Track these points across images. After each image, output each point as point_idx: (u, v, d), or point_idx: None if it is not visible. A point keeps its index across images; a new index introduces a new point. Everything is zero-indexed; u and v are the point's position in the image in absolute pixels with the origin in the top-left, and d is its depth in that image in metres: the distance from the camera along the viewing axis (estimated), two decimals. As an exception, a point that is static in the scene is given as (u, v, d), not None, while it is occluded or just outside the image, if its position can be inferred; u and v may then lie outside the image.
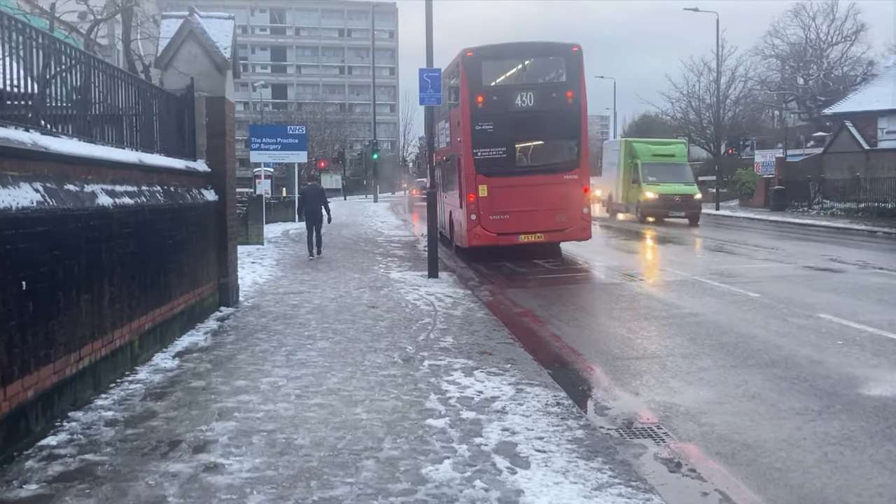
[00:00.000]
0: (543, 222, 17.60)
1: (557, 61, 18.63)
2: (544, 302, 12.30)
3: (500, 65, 18.80)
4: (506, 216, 17.59)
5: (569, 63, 18.13)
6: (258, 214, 20.87)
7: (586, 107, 18.28)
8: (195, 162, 10.40)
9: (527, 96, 17.95)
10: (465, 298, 12.05)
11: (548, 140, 18.29)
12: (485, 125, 17.45)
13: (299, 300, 11.76)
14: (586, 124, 18.83)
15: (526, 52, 19.14)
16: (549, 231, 17.79)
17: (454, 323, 9.87)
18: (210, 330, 9.23)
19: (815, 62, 64.61)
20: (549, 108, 17.80)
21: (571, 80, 18.02)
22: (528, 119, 17.73)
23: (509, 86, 18.47)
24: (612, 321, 10.54)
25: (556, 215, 17.62)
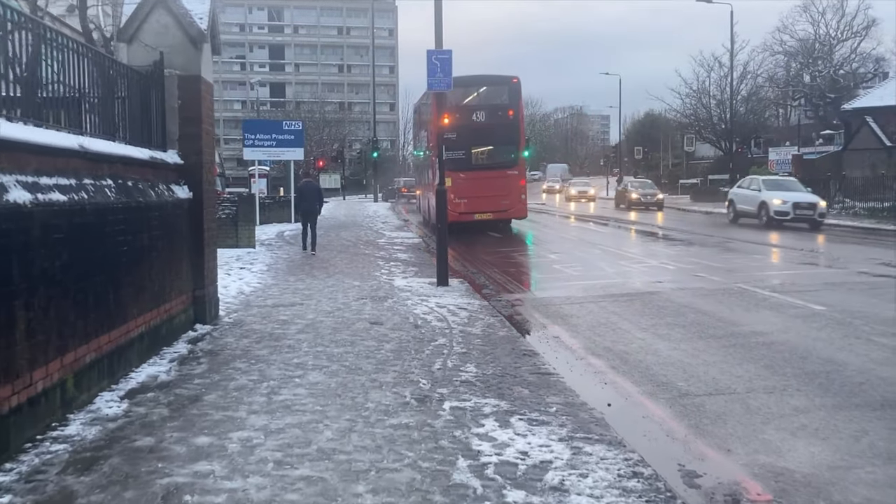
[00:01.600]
0: (492, 205, 24.28)
1: (502, 89, 25.58)
2: (579, 318, 10.62)
3: (461, 91, 24.33)
4: (465, 200, 23.98)
5: (510, 90, 25.39)
6: (250, 215, 19.18)
7: (523, 121, 25.88)
8: (164, 152, 8.72)
9: (480, 114, 24.80)
10: (483, 312, 10.38)
11: (495, 146, 24.92)
12: (450, 135, 21.00)
13: (290, 314, 10.08)
14: (524, 134, 26.03)
15: (479, 82, 26.26)
16: (495, 211, 24.67)
17: (474, 345, 8.18)
18: (178, 356, 7.53)
19: (824, 58, 63.01)
20: (495, 122, 24.50)
21: (512, 102, 25.28)
22: (481, 130, 24.29)
23: (468, 105, 24.98)
24: (662, 341, 8.85)
25: (500, 200, 24.40)
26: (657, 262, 16.55)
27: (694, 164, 70.19)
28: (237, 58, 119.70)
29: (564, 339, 9.15)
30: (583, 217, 36.36)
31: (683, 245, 21.13)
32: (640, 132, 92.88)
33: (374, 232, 25.81)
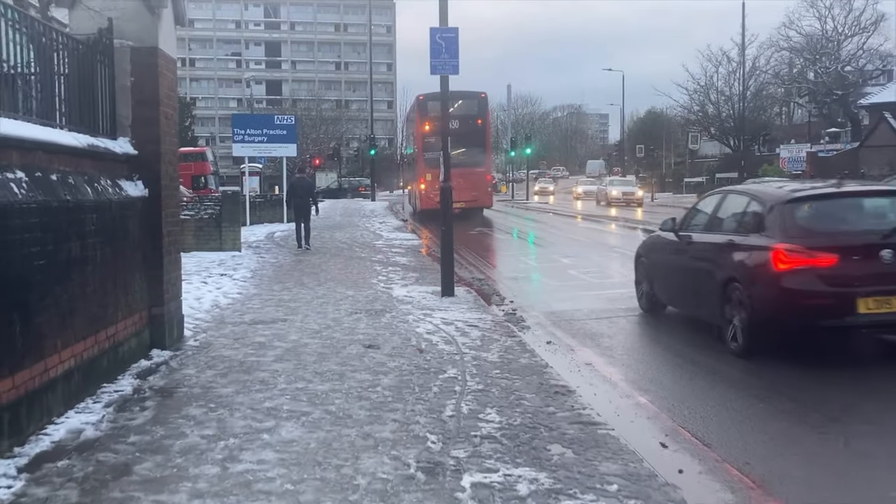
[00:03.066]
0: (464, 196, 27.02)
1: (473, 102, 31.74)
2: (611, 338, 9.04)
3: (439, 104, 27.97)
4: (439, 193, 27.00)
5: (479, 103, 32.10)
6: (235, 215, 17.57)
7: (490, 128, 33.74)
8: (113, 140, 7.13)
9: (455, 122, 28.05)
10: (497, 330, 8.79)
11: (466, 148, 29.29)
12: (430, 139, 28.82)
13: (269, 334, 8.47)
14: (490, 139, 33.47)
15: (455, 97, 29.61)
16: (467, 201, 28.54)
17: (492, 378, 6.60)
18: (118, 398, 5.93)
19: (829, 55, 61.47)
20: (467, 129, 29.55)
21: (481, 113, 31.91)
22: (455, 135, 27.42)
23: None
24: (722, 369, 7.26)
25: (471, 192, 28.62)
26: None
27: (698, 163, 68.72)
28: (233, 55, 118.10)
29: (599, 367, 7.55)
30: (573, 215, 34.80)
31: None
32: (641, 130, 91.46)
33: (372, 233, 24.22)
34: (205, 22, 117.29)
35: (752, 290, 7.60)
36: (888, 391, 6.86)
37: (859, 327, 7.40)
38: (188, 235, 17.09)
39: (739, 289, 7.77)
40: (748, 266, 7.81)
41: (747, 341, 7.63)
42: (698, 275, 8.84)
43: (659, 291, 10.06)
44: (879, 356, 7.90)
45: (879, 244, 7.23)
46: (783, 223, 7.68)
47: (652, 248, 10.62)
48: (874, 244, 7.26)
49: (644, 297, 10.44)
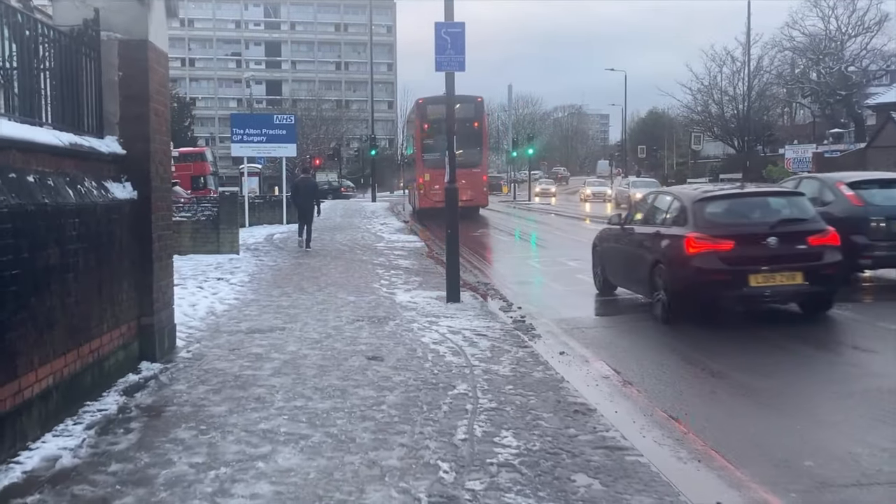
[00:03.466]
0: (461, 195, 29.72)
1: (470, 105, 32.01)
2: (626, 348, 8.58)
3: (437, 107, 30.57)
4: (439, 190, 28.16)
5: (476, 107, 32.65)
6: (232, 217, 17.11)
7: (486, 130, 34.90)
8: (99, 139, 6.67)
9: None
10: (507, 340, 8.33)
11: (464, 149, 29.19)
12: (428, 140, 31.30)
13: (267, 345, 8.01)
14: (486, 140, 34.65)
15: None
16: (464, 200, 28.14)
17: (506, 395, 6.13)
18: (101, 418, 5.46)
19: (832, 55, 60.96)
20: (464, 131, 28.80)
21: (477, 116, 32.69)
22: None
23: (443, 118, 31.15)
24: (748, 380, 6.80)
25: (468, 191, 28.65)
26: None
27: (701, 163, 68.25)
28: (233, 55, 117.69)
29: (617, 380, 7.09)
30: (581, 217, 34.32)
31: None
32: (643, 131, 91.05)
33: (373, 234, 23.76)
34: (204, 22, 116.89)
35: (671, 269, 9.53)
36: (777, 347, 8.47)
37: (751, 297, 9.30)
38: (185, 238, 16.66)
39: (663, 269, 9.68)
40: (668, 251, 9.70)
41: (668, 311, 9.52)
42: (636, 259, 10.65)
43: (609, 274, 11.92)
44: (768, 320, 9.66)
45: (767, 233, 9.21)
46: (694, 217, 9.62)
47: (604, 238, 12.26)
48: (763, 233, 9.23)
49: (598, 279, 12.30)
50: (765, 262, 9.08)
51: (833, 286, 9.52)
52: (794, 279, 9.13)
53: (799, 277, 9.16)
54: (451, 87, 11.09)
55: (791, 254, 9.21)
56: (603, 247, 12.12)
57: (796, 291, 9.35)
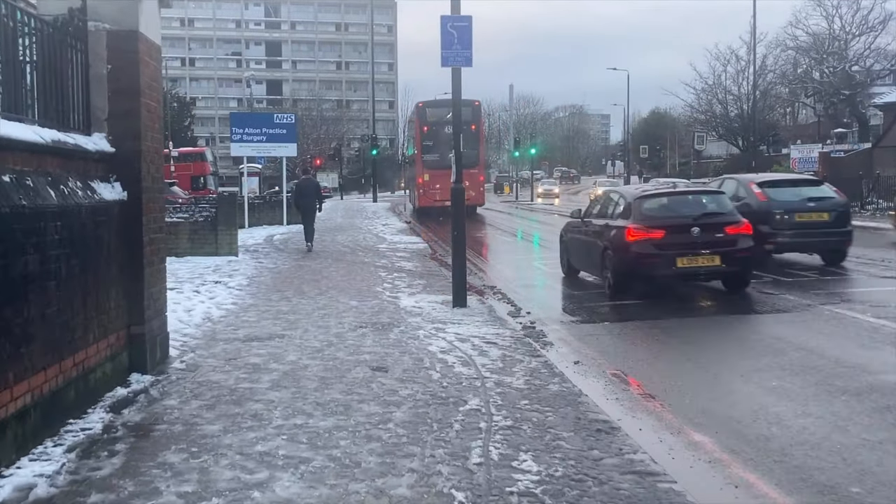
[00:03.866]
0: None
1: (467, 109, 32.64)
2: (643, 356, 8.14)
3: (436, 110, 34.66)
4: (438, 190, 31.36)
5: (473, 110, 34.07)
6: (231, 218, 16.68)
7: (483, 133, 37.45)
8: (86, 136, 6.25)
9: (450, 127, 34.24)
10: (518, 348, 7.90)
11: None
12: (427, 142, 33.83)
13: (265, 354, 7.59)
14: (483, 143, 36.98)
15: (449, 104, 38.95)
16: None
17: (521, 411, 5.71)
18: (84, 439, 5.04)
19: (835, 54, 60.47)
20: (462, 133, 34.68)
21: (475, 119, 34.28)
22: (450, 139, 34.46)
23: (441, 121, 32.90)
24: (776, 398, 6.34)
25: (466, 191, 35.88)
26: None
27: (704, 163, 67.78)
28: (233, 54, 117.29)
29: (638, 392, 6.65)
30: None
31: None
32: (645, 131, 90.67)
33: (375, 236, 23.34)
34: (205, 21, 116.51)
35: (615, 254, 11.44)
36: (701, 315, 10.84)
37: (678, 276, 11.39)
38: (182, 239, 16.25)
39: (610, 254, 11.60)
40: (614, 239, 11.59)
41: (612, 287, 11.55)
42: (591, 246, 12.65)
43: (572, 260, 14.00)
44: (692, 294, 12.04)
45: (691, 224, 11.25)
46: (633, 211, 11.58)
47: (568, 230, 14.30)
48: (688, 224, 11.26)
49: (564, 264, 14.41)
50: (689, 247, 11.11)
51: (746, 267, 11.51)
52: (714, 261, 11.09)
53: (717, 260, 11.13)
54: (458, 83, 10.66)
55: (711, 241, 11.19)
56: (567, 237, 14.25)
57: (715, 271, 11.32)
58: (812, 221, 14.17)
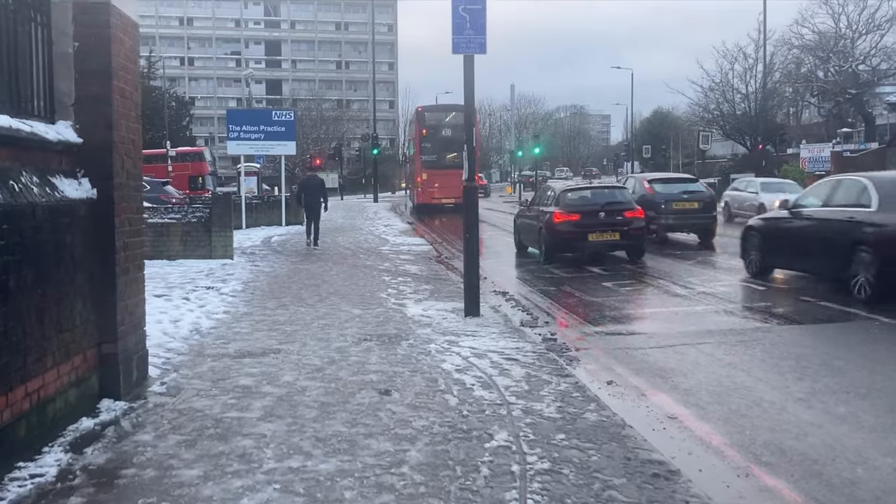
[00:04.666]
0: (454, 193, 30.29)
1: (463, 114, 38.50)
2: (686, 376, 7.24)
3: (434, 114, 38.00)
4: (435, 189, 35.11)
5: None
6: (226, 219, 15.78)
7: (479, 135, 33.00)
8: (49, 124, 5.36)
9: (448, 130, 35.46)
10: (543, 366, 7.01)
11: (457, 152, 31.84)
12: (426, 143, 35.97)
13: (258, 373, 6.69)
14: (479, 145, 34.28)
15: (447, 109, 38.25)
16: (456, 198, 30.35)
17: (558, 448, 4.82)
18: (32, 491, 4.13)
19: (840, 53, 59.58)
20: (458, 136, 31.67)
21: None
22: (447, 141, 34.92)
23: (438, 125, 36.38)
24: (846, 427, 5.46)
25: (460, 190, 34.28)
26: (734, 279, 13.16)
27: (709, 163, 66.84)
28: (232, 54, 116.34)
29: (689, 423, 5.75)
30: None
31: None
32: (648, 131, 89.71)
33: (377, 237, 22.45)
34: (204, 20, 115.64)
35: (546, 232, 15.48)
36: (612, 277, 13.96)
37: (591, 247, 15.35)
38: (174, 241, 15.37)
39: (543, 232, 15.61)
40: (545, 221, 15.53)
41: (544, 256, 15.64)
42: (533, 227, 16.54)
43: (522, 239, 17.79)
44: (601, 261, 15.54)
45: (599, 210, 15.45)
46: (558, 201, 15.71)
47: (519, 215, 18.47)
48: (596, 210, 15.44)
49: (516, 242, 18.41)
50: (597, 227, 15.21)
51: (639, 242, 15.61)
52: (615, 237, 15.25)
53: (617, 236, 15.28)
54: (470, 72, 9.75)
55: (613, 222, 15.32)
56: (519, 221, 18.38)
57: (616, 244, 15.45)
58: (686, 209, 19.12)
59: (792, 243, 12.01)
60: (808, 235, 11.55)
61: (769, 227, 12.74)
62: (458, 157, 37.78)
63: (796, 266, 12.51)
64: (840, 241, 10.61)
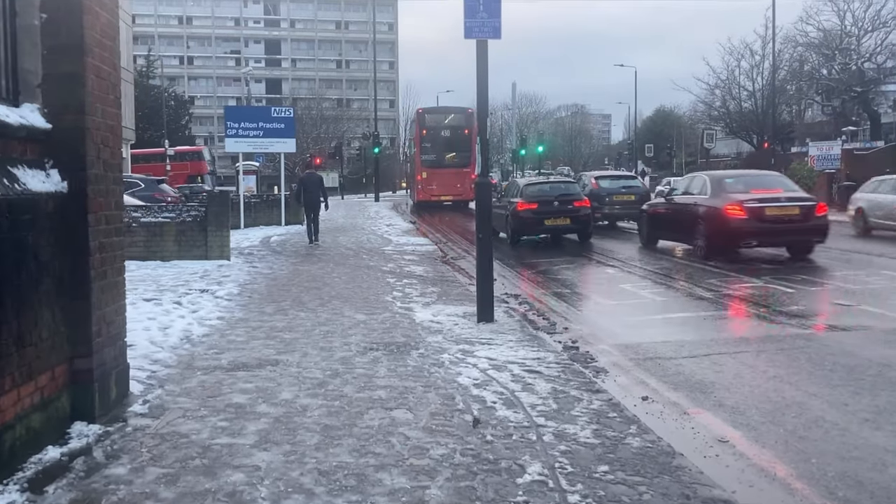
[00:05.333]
0: (452, 191, 36.39)
1: (461, 116, 38.79)
2: (724, 388, 6.52)
3: (434, 116, 39.81)
4: (434, 187, 36.77)
5: (467, 117, 37.83)
6: (222, 218, 15.05)
7: (475, 136, 34.63)
8: (13, 107, 4.65)
9: (447, 131, 38.24)
10: (568, 378, 6.30)
11: (456, 152, 37.74)
12: (426, 144, 38.01)
13: (253, 390, 5.98)
14: (475, 144, 36.12)
15: (448, 111, 41.17)
16: (454, 195, 36.51)
17: (602, 481, 4.11)
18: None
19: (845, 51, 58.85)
20: (457, 137, 37.87)
21: (468, 124, 37.01)
22: (446, 141, 37.91)
23: (438, 126, 38.53)
24: (930, 457, 4.77)
25: (458, 187, 36.37)
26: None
27: (714, 162, 66.15)
28: (232, 53, 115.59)
29: (743, 447, 5.04)
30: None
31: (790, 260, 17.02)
32: (650, 129, 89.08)
33: (379, 237, 21.74)
34: (203, 19, 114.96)
35: (511, 218, 18.87)
36: (566, 253, 17.23)
37: (548, 230, 19.16)
38: (168, 241, 14.67)
39: (509, 218, 18.99)
40: (511, 209, 18.94)
41: (510, 239, 19.20)
42: (501, 215, 19.35)
43: (495, 226, 16.32)
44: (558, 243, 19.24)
45: (553, 199, 18.97)
46: (521, 193, 19.24)
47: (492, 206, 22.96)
48: (551, 200, 18.93)
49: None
50: (552, 214, 18.59)
51: (586, 227, 19.07)
52: (566, 222, 18.71)
53: (568, 221, 18.79)
54: (484, 58, 9.03)
55: (565, 210, 18.75)
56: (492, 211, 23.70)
57: (567, 228, 18.93)
58: (624, 200, 23.30)
59: (665, 221, 17.16)
60: (674, 215, 16.58)
61: (653, 211, 18.09)
62: (457, 157, 37.96)
63: (669, 237, 17.29)
64: (690, 219, 15.61)
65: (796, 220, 14.45)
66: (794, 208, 14.54)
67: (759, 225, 14.23)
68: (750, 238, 14.43)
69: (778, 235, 14.65)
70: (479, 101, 9.25)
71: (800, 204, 14.66)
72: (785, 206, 14.49)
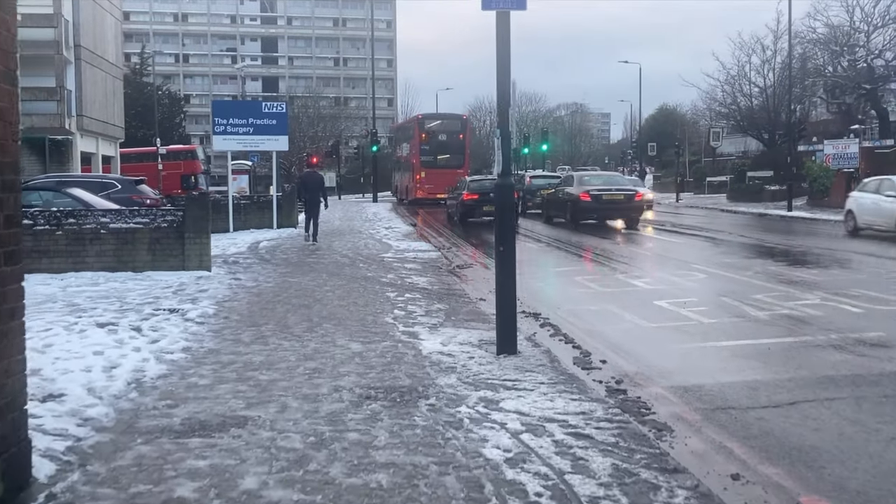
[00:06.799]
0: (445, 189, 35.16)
1: (456, 121, 46.24)
2: (842, 465, 4.92)
3: (432, 122, 44.79)
4: (430, 186, 41.24)
5: (461, 122, 46.51)
6: (202, 224, 13.39)
7: (469, 140, 47.21)
8: None
9: (443, 135, 43.70)
10: (631, 446, 4.72)
11: (450, 154, 43.10)
12: (424, 146, 43.14)
13: (206, 471, 4.36)
14: (468, 148, 45.96)
15: (443, 117, 46.93)
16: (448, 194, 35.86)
17: None
18: None
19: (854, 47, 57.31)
20: (451, 141, 43.65)
21: (462, 129, 45.25)
22: (442, 145, 43.49)
23: (436, 130, 43.86)
24: None
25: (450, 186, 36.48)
26: (820, 299, 10.86)
27: (721, 161, 64.58)
28: (228, 50, 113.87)
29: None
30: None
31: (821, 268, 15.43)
32: (653, 128, 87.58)
33: (378, 241, 20.14)
34: (199, 17, 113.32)
35: (458, 206, 27.42)
36: None
37: (484, 215, 24.66)
38: (141, 250, 13.07)
39: (458, 206, 27.41)
40: (459, 199, 27.26)
41: (459, 221, 27.20)
42: (455, 204, 28.19)
43: (449, 211, 29.22)
44: None
45: (490, 191, 20.65)
46: (467, 187, 27.26)
47: (449, 196, 31.00)
48: (489, 192, 22.07)
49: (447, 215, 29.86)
50: (489, 202, 21.19)
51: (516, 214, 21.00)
52: None
53: None
54: (506, 32, 7.43)
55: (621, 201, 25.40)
56: (448, 201, 30.01)
57: None
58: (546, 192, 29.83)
59: (554, 205, 26.81)
60: (559, 201, 26.31)
61: (548, 198, 27.77)
62: (452, 159, 43.07)
63: (557, 215, 26.48)
64: (566, 202, 25.50)
65: (622, 203, 24.58)
66: (621, 195, 24.69)
67: (598, 205, 24.32)
68: (593, 213, 24.79)
69: (610, 212, 24.77)
70: (500, 86, 7.62)
71: (624, 192, 25.01)
72: (614, 194, 24.67)
